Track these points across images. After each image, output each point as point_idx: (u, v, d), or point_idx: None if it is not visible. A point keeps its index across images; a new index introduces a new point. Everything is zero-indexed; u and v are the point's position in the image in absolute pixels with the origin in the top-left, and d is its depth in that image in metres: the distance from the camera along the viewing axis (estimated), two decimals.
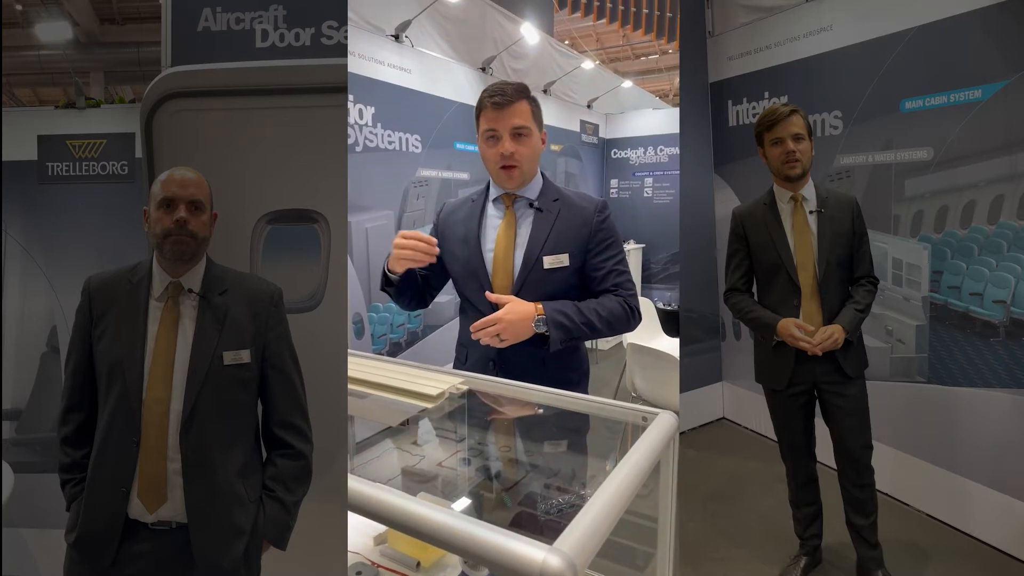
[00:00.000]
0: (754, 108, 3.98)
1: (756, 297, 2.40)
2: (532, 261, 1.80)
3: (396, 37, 4.34)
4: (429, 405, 1.44)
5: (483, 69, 5.32)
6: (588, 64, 7.20)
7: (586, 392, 1.81)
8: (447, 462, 1.74)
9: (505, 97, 1.78)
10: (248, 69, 2.29)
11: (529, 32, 5.70)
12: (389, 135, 4.25)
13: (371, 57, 4.11)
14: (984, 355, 2.82)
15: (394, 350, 4.29)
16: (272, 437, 1.64)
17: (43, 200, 2.81)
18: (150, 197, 1.58)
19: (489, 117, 1.80)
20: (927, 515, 3.02)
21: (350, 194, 3.85)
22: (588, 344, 2.05)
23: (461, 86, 4.96)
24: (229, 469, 1.53)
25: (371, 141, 4.11)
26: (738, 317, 2.44)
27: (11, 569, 2.74)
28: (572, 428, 1.55)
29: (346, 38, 2.57)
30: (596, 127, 7.73)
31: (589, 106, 7.55)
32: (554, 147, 6.66)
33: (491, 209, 1.91)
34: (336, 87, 2.21)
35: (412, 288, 1.97)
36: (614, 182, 7.87)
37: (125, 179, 2.81)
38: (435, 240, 1.78)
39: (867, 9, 3.21)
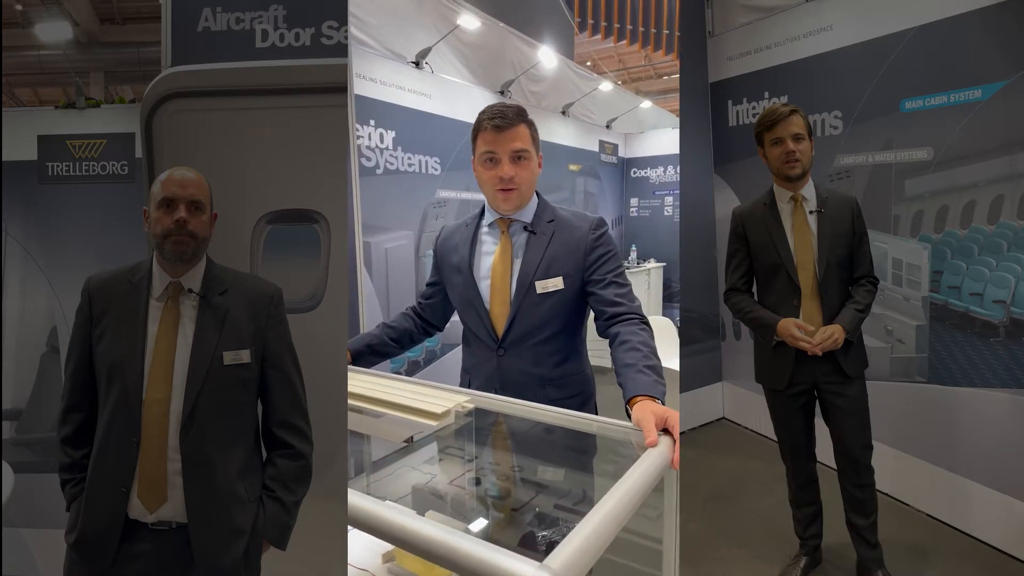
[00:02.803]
0: (754, 108, 3.98)
1: (756, 297, 2.40)
2: (525, 287, 1.76)
3: (416, 64, 4.47)
4: (435, 423, 1.42)
5: (501, 92, 5.40)
6: (606, 85, 7.27)
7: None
8: (457, 481, 1.74)
9: (506, 120, 1.75)
10: (248, 69, 2.29)
11: (547, 56, 5.79)
12: (409, 158, 4.36)
13: (392, 83, 4.24)
14: (984, 355, 2.82)
15: (412, 368, 4.35)
16: (272, 437, 1.64)
17: (43, 200, 2.81)
18: (150, 197, 1.58)
19: (488, 139, 1.77)
20: (927, 515, 3.02)
21: (370, 215, 3.93)
22: (599, 363, 2.03)
23: (479, 109, 5.07)
24: (229, 469, 1.53)
25: (391, 164, 4.22)
26: (738, 317, 2.44)
27: (11, 569, 2.74)
28: (581, 449, 1.53)
29: (346, 38, 2.57)
30: (615, 147, 7.79)
31: (608, 126, 7.59)
32: (572, 167, 6.72)
33: (486, 235, 1.88)
34: (336, 87, 2.21)
35: (382, 354, 2.00)
36: (634, 201, 7.94)
37: (125, 179, 2.80)
38: None
39: (867, 9, 3.21)
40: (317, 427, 1.69)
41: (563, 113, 6.60)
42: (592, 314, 1.84)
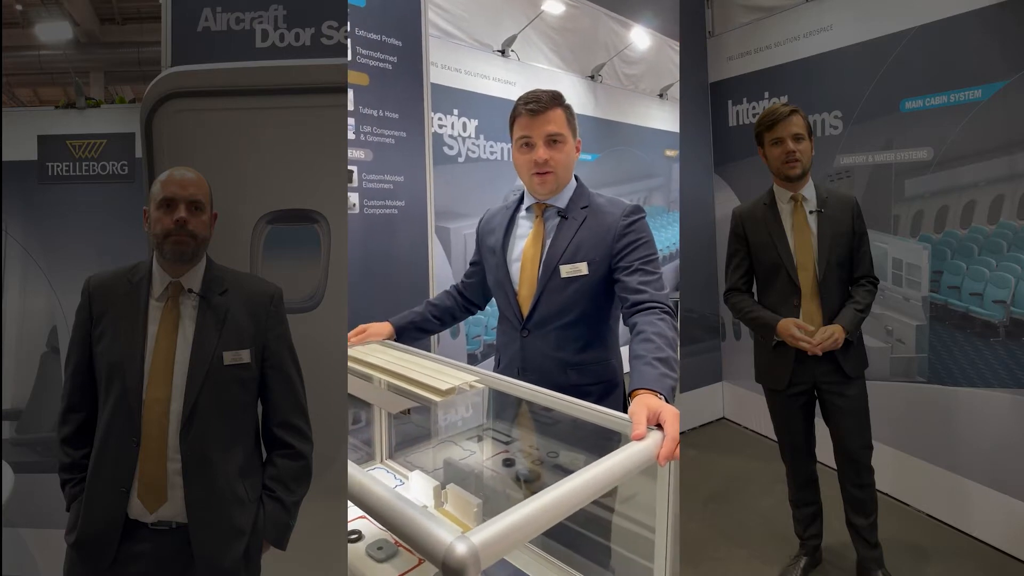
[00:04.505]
0: (754, 108, 3.98)
1: (756, 297, 2.40)
2: (550, 270, 1.78)
3: (502, 52, 4.49)
4: (437, 399, 1.43)
5: (592, 77, 5.32)
6: None
7: (613, 407, 1.63)
8: (490, 461, 1.75)
9: (540, 104, 1.77)
10: (248, 69, 2.29)
11: (639, 36, 5.63)
12: (491, 146, 4.41)
13: (477, 72, 4.29)
14: (984, 355, 2.82)
15: (488, 351, 4.41)
16: (272, 437, 1.64)
17: (43, 200, 2.81)
18: (150, 197, 1.58)
19: (523, 124, 1.79)
20: (927, 515, 3.02)
21: (451, 202, 3.99)
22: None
23: (567, 95, 5.15)
24: (229, 469, 1.53)
25: (473, 152, 4.29)
26: (738, 317, 2.44)
27: (11, 569, 2.74)
28: (612, 437, 1.53)
29: (346, 38, 2.57)
30: None
31: None
32: (669, 152, 6.56)
33: (522, 218, 1.90)
34: (336, 87, 2.21)
35: (425, 330, 2.07)
36: None
37: (125, 179, 2.80)
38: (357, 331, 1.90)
39: (867, 9, 3.21)
40: (317, 427, 1.69)
41: (660, 96, 6.36)
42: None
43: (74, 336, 1.60)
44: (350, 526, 1.70)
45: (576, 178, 1.90)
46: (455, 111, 4.12)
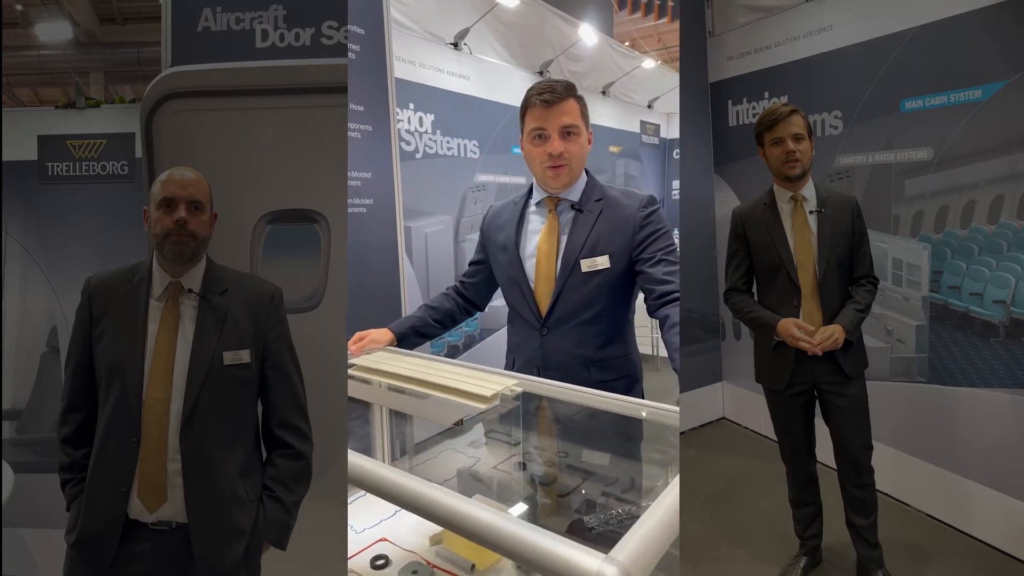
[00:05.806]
0: (754, 108, 3.98)
1: (756, 297, 2.40)
2: (570, 266, 1.74)
3: (455, 45, 4.43)
4: (483, 406, 1.41)
5: (540, 73, 5.32)
6: (649, 63, 7.06)
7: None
8: (503, 465, 1.73)
9: (555, 95, 1.72)
10: (248, 69, 2.29)
11: (587, 34, 5.66)
12: (448, 141, 4.33)
13: (431, 65, 4.20)
14: (984, 355, 2.82)
15: (452, 352, 4.34)
16: (272, 437, 1.64)
17: (43, 200, 2.81)
18: (150, 197, 1.58)
19: (537, 116, 1.74)
20: (927, 515, 3.02)
21: (410, 200, 3.89)
22: (650, 351, 2.00)
23: (518, 91, 5.09)
24: (229, 469, 1.53)
25: (430, 148, 4.19)
26: (738, 317, 2.44)
27: (11, 569, 2.75)
28: (628, 435, 1.50)
29: (346, 38, 2.57)
30: (657, 127, 7.62)
31: (650, 106, 7.42)
32: (613, 148, 6.56)
33: (533, 214, 1.86)
34: (336, 87, 2.21)
35: (426, 335, 2.01)
36: (676, 184, 7.75)
37: (125, 179, 2.81)
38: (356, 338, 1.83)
39: (867, 9, 3.21)
40: (317, 427, 1.69)
41: (603, 93, 6.42)
42: (641, 296, 1.79)
43: (74, 336, 1.60)
44: (372, 551, 1.68)
45: (587, 171, 1.86)
46: (411, 105, 3.98)
